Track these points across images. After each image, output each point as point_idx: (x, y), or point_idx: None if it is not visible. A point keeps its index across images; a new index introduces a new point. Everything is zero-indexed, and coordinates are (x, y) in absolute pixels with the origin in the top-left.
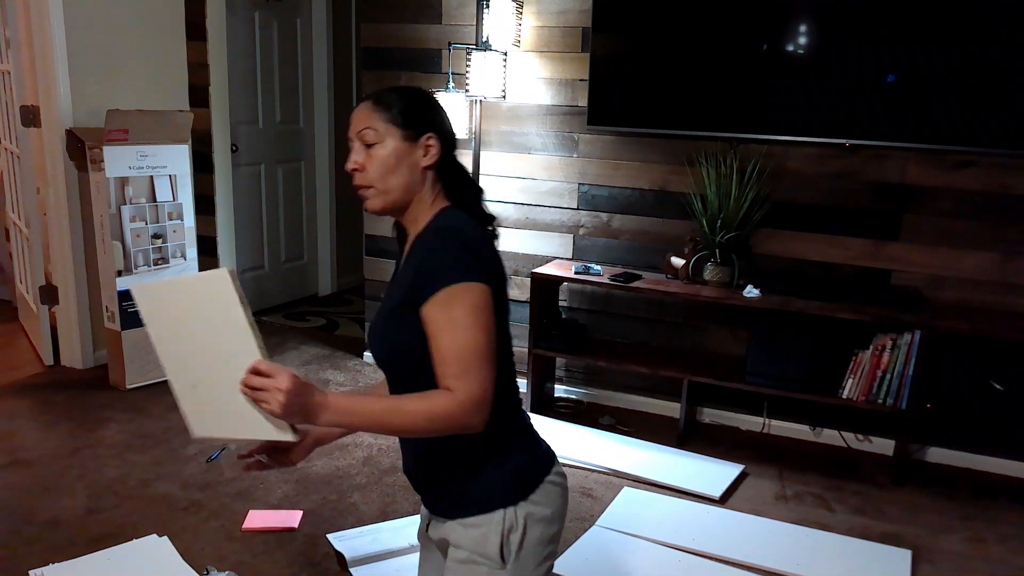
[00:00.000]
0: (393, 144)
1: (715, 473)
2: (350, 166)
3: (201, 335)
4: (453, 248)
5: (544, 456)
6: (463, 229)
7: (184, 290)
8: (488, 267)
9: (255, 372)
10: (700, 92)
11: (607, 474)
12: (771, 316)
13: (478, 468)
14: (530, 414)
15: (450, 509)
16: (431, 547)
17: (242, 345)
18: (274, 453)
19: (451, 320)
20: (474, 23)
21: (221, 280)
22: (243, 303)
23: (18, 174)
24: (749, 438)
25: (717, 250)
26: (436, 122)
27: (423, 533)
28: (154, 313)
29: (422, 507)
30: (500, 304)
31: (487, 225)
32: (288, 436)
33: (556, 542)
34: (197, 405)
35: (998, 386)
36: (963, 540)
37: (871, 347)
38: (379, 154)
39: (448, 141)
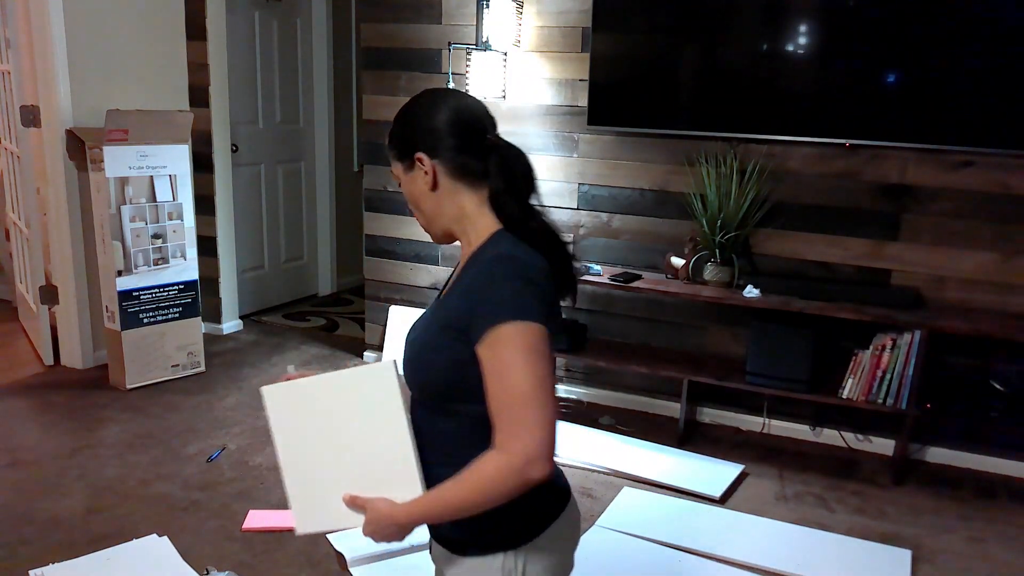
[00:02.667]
0: (403, 179)
1: (715, 473)
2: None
3: (338, 430)
4: (512, 282)
5: (556, 496)
6: (526, 262)
7: (334, 384)
8: (547, 306)
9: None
10: (700, 92)
11: (607, 474)
12: (771, 316)
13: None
14: None
15: (448, 541)
16: (439, 571)
17: (394, 440)
18: None
19: (501, 364)
20: (474, 23)
21: (387, 373)
22: (404, 397)
23: (18, 174)
24: (749, 438)
25: (717, 250)
26: (418, 134)
27: (431, 550)
28: (284, 411)
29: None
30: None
31: (543, 242)
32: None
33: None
34: (308, 502)
35: (998, 386)
36: (963, 540)
37: (871, 347)
38: (404, 191)
39: (442, 146)
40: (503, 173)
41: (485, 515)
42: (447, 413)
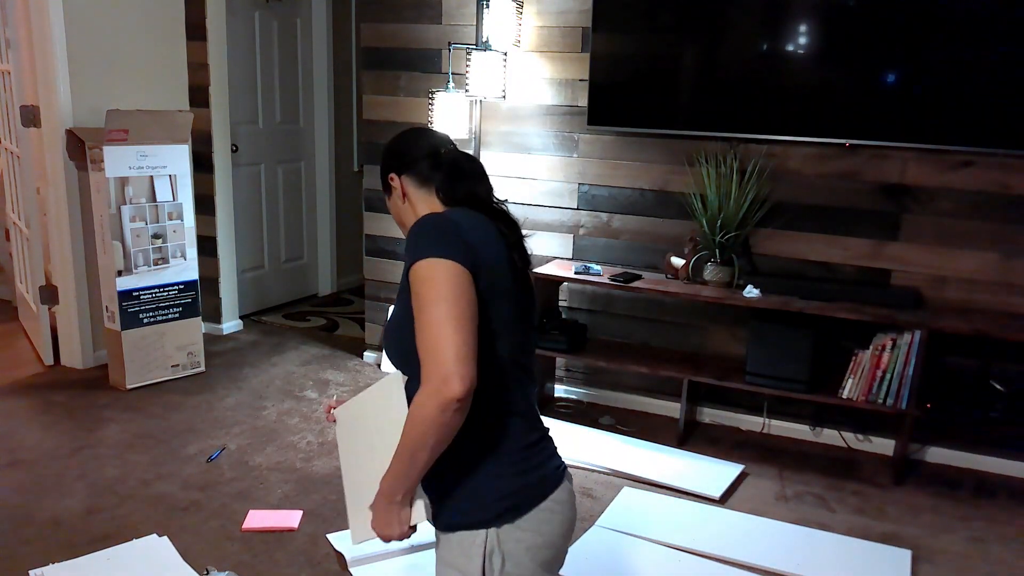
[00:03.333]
0: (390, 206)
1: (715, 473)
2: None
3: (375, 441)
4: (422, 230)
5: (541, 482)
6: (444, 215)
7: (369, 400)
8: (464, 248)
9: None
10: (700, 92)
11: (607, 474)
12: (771, 316)
13: (462, 483)
14: None
15: (437, 517)
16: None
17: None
18: None
19: (418, 300)
20: (474, 23)
21: (395, 384)
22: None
23: (18, 174)
24: (749, 438)
25: (717, 250)
26: (389, 160)
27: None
28: (344, 430)
29: None
30: (495, 304)
31: (497, 220)
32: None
33: (555, 565)
34: (360, 511)
35: (998, 386)
36: (963, 540)
37: (871, 347)
38: (393, 217)
39: (406, 164)
40: (451, 171)
41: (466, 493)
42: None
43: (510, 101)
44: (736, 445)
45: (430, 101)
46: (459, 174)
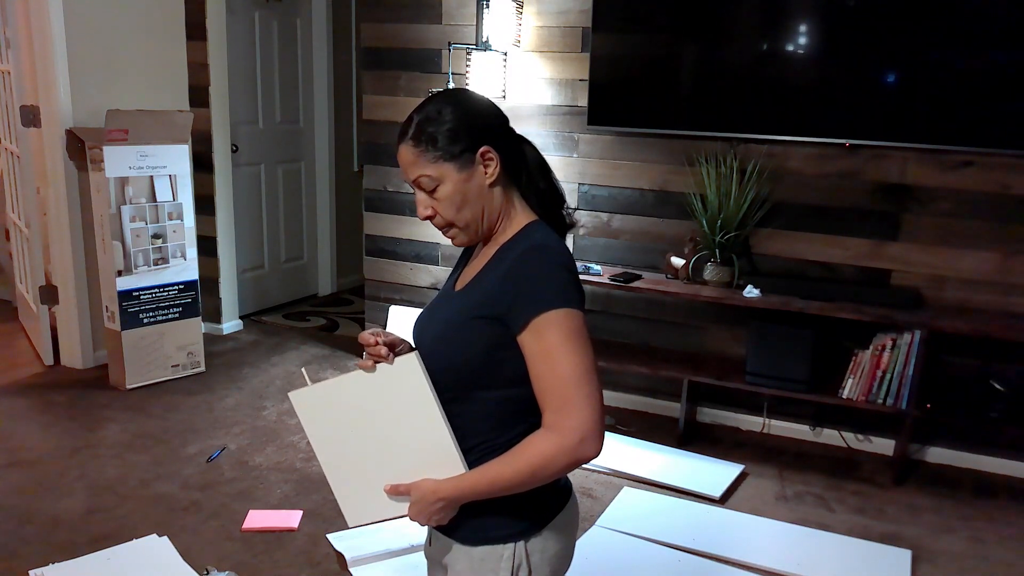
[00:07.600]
0: (452, 181)
1: (715, 473)
2: (422, 215)
3: (370, 424)
4: (552, 271)
5: (561, 490)
6: (560, 250)
7: (360, 382)
8: (581, 292)
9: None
10: (700, 92)
11: (607, 474)
12: (771, 316)
13: (503, 496)
14: None
15: (457, 530)
16: (436, 567)
17: (428, 425)
18: None
19: (547, 348)
20: (474, 23)
21: (411, 364)
22: (430, 385)
23: (18, 174)
24: (749, 438)
25: (717, 250)
26: (484, 129)
27: (427, 548)
28: (314, 413)
29: None
30: None
31: (564, 231)
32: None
33: (566, 570)
34: (353, 496)
35: (998, 386)
36: (963, 540)
37: (871, 347)
38: (443, 195)
39: (503, 139)
40: (529, 164)
41: (499, 504)
42: (464, 400)
43: (510, 101)
44: (736, 445)
45: None
46: (540, 170)
